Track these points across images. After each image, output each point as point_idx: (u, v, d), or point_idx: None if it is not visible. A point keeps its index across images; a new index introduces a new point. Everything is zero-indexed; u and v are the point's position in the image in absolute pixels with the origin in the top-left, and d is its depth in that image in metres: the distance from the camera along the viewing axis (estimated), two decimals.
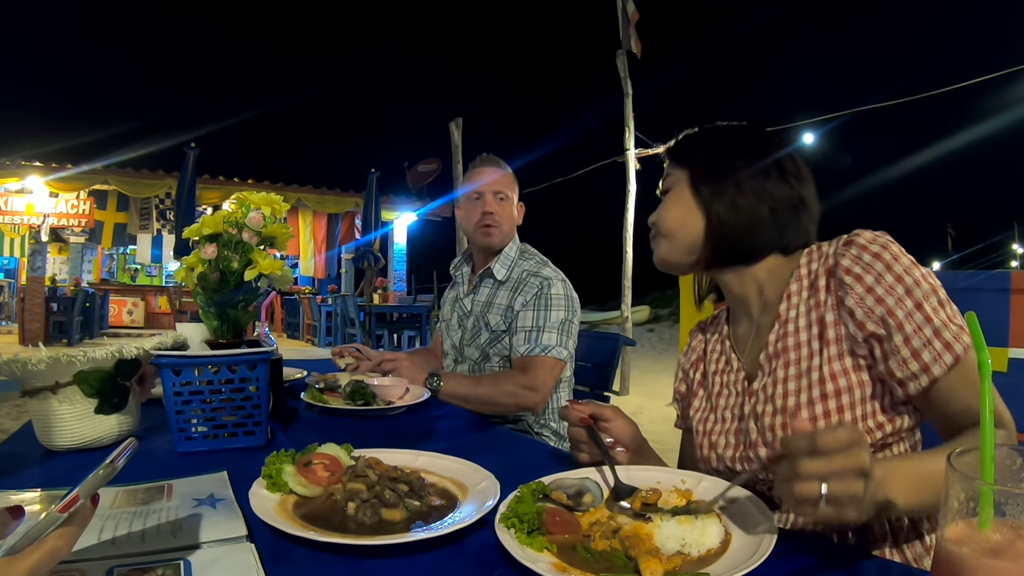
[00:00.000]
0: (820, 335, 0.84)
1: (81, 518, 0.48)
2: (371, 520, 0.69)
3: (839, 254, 0.83)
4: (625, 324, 6.75)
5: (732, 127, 0.99)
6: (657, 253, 0.98)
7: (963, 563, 0.41)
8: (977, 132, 47.81)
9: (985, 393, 0.45)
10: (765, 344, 0.89)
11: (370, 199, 10.58)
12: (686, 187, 0.95)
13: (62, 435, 0.98)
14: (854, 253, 0.81)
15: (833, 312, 0.83)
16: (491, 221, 1.81)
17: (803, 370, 0.84)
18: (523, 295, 1.74)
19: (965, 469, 0.43)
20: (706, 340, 1.07)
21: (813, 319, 0.85)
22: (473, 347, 1.83)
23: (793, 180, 0.91)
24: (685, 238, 0.94)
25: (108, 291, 12.53)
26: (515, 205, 1.89)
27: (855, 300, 0.80)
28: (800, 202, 0.91)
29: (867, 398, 0.80)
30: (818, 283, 0.86)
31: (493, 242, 1.83)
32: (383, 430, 1.25)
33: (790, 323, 0.87)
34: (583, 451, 0.92)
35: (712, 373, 1.01)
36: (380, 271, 10.83)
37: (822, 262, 0.86)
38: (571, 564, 0.60)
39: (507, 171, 1.89)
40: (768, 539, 0.61)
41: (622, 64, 6.87)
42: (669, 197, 0.97)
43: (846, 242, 0.84)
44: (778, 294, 0.90)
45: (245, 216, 1.19)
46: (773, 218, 0.90)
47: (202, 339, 1.21)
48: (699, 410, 1.01)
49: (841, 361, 0.82)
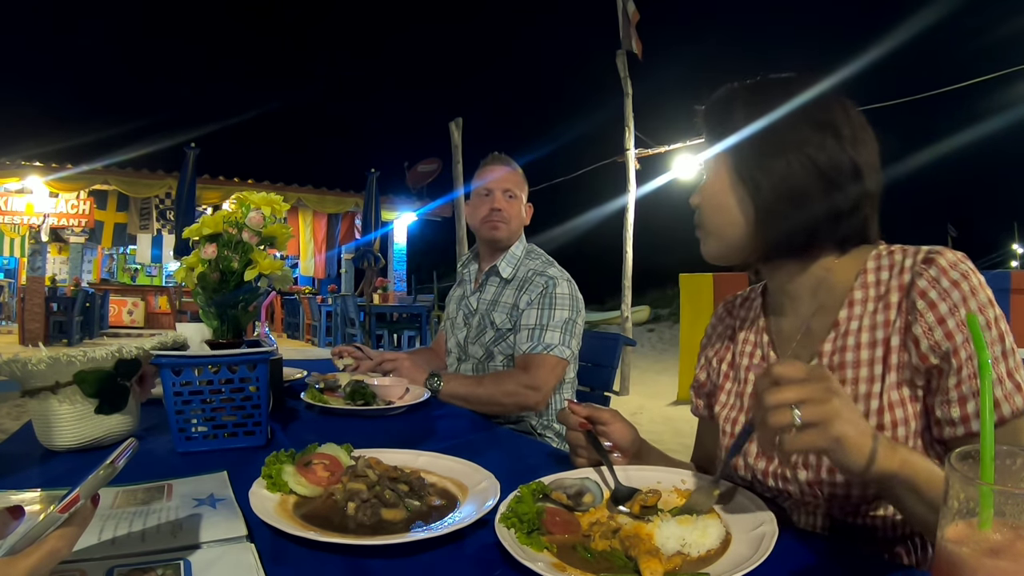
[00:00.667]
0: (884, 358, 0.76)
1: (81, 518, 0.48)
2: (371, 520, 0.69)
3: (917, 272, 0.75)
4: (625, 324, 6.75)
5: (776, 80, 0.84)
6: (704, 249, 0.88)
7: (963, 563, 0.41)
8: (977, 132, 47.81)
9: (985, 393, 0.45)
10: (818, 353, 0.81)
11: (370, 199, 10.58)
12: (724, 167, 0.83)
13: (62, 435, 0.98)
14: (932, 275, 0.73)
15: (899, 336, 0.76)
16: (499, 217, 1.84)
17: (861, 394, 0.76)
18: (528, 294, 1.75)
19: (965, 469, 0.43)
20: (735, 325, 0.97)
21: (879, 338, 0.77)
22: (478, 345, 1.83)
23: (850, 149, 0.77)
24: (730, 230, 0.83)
25: (108, 291, 12.53)
26: (523, 205, 1.91)
27: (923, 329, 0.73)
28: (858, 177, 0.78)
29: (919, 432, 0.75)
30: (890, 298, 0.77)
31: (499, 236, 1.84)
32: (383, 430, 1.25)
33: (850, 335, 0.79)
34: (581, 455, 0.90)
35: (745, 368, 0.92)
36: (380, 271, 10.83)
37: (896, 274, 0.78)
38: (571, 564, 0.60)
39: (517, 170, 1.91)
40: (768, 539, 0.61)
41: (622, 64, 6.86)
42: (707, 181, 0.85)
43: (926, 259, 0.75)
44: (837, 297, 0.82)
45: (245, 216, 1.19)
46: (829, 202, 0.77)
47: (202, 339, 1.21)
48: (727, 407, 0.93)
49: (900, 390, 0.75)
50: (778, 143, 0.78)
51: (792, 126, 0.78)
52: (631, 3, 6.94)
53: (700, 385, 1.02)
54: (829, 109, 0.80)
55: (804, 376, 0.59)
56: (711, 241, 0.87)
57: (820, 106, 0.79)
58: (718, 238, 0.86)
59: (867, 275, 0.80)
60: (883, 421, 0.75)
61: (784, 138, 0.78)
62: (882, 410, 0.75)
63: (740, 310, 0.99)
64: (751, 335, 0.93)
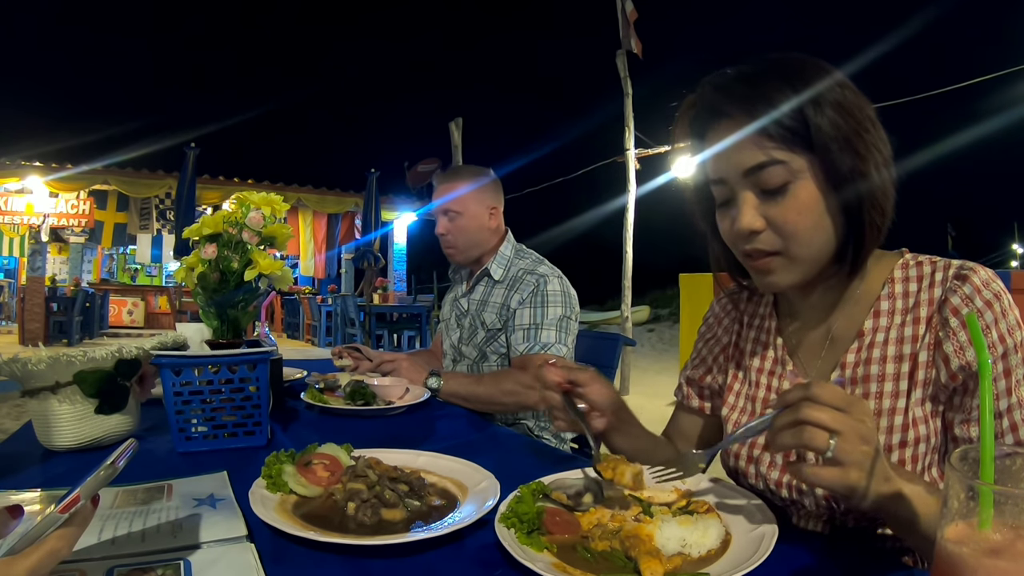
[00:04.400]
0: (910, 374, 0.74)
1: (81, 519, 0.48)
2: (371, 520, 0.69)
3: (951, 289, 0.72)
4: (625, 324, 6.75)
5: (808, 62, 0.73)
6: (780, 280, 0.76)
7: (963, 563, 0.41)
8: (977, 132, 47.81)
9: (985, 392, 0.45)
10: (841, 363, 0.78)
11: (370, 199, 10.58)
12: (809, 172, 0.71)
13: (62, 435, 0.98)
14: (967, 292, 0.71)
15: (928, 352, 0.73)
16: (445, 243, 1.85)
17: (885, 408, 0.74)
18: (519, 293, 1.74)
19: (965, 469, 0.43)
20: (742, 320, 0.93)
21: (906, 352, 0.74)
22: (471, 346, 1.83)
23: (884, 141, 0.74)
24: (825, 251, 0.74)
25: (108, 291, 12.53)
26: (477, 214, 1.81)
27: (955, 348, 0.70)
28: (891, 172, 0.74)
29: (938, 448, 0.74)
30: (919, 312, 0.74)
31: (455, 260, 1.88)
32: (383, 430, 1.25)
33: (876, 347, 0.76)
34: (559, 417, 0.87)
35: (756, 370, 0.88)
36: (380, 271, 10.83)
37: (925, 287, 0.75)
38: (571, 564, 0.60)
39: (458, 183, 1.82)
40: (768, 539, 0.61)
41: (622, 64, 6.86)
42: (791, 194, 0.72)
43: (959, 275, 0.73)
44: (862, 306, 0.79)
45: (245, 216, 1.19)
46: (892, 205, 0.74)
47: (202, 339, 1.21)
48: (735, 409, 0.89)
49: (923, 406, 0.73)
50: (864, 140, 0.71)
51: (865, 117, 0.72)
52: (629, 2, 6.93)
53: (698, 381, 0.98)
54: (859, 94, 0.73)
55: (845, 406, 0.56)
56: (798, 269, 0.75)
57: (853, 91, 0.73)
58: (810, 264, 0.75)
59: (894, 285, 0.77)
60: (906, 438, 0.73)
61: (863, 134, 0.71)
62: (906, 426, 0.73)
63: (747, 305, 0.94)
64: (762, 336, 0.89)
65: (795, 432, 0.56)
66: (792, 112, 0.70)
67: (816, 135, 0.70)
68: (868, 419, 0.57)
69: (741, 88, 0.73)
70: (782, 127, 0.70)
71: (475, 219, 1.82)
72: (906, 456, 0.73)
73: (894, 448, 0.73)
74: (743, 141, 0.73)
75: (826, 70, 0.72)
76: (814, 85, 0.70)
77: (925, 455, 0.73)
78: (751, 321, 0.92)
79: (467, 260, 1.87)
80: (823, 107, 0.70)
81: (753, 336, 0.91)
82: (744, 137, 0.72)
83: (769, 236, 0.74)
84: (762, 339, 0.89)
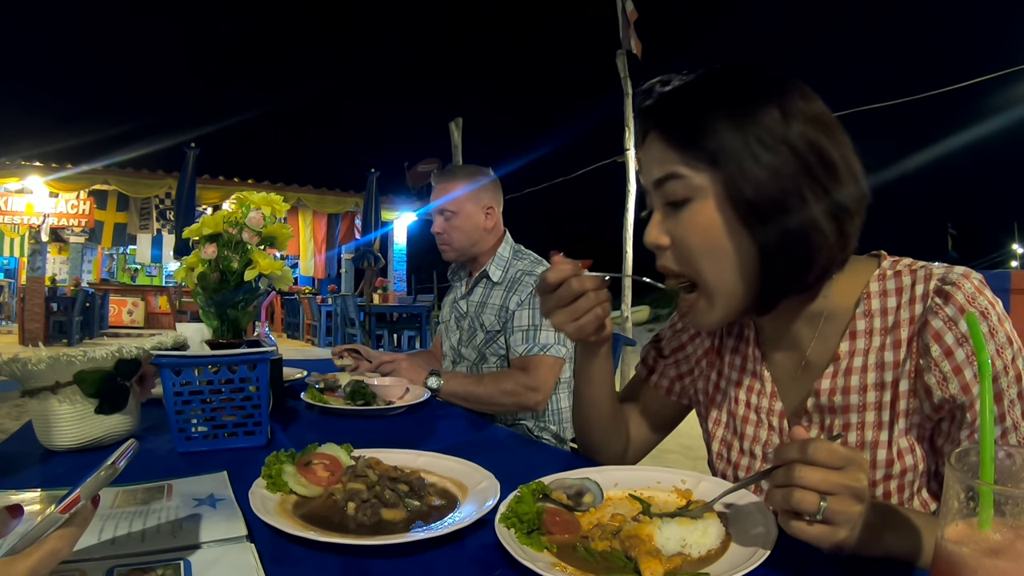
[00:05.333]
0: (892, 404, 0.70)
1: (82, 519, 0.48)
2: (371, 520, 0.69)
3: (931, 310, 0.66)
4: (625, 324, 6.74)
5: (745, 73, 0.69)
6: (703, 320, 0.72)
7: (963, 563, 0.41)
8: (977, 132, 47.83)
9: (985, 392, 0.45)
10: (815, 389, 0.74)
11: (370, 199, 10.58)
12: (714, 201, 0.66)
13: (62, 435, 0.98)
14: (949, 315, 0.65)
15: (909, 381, 0.69)
16: (440, 241, 1.86)
17: (868, 441, 0.71)
18: (518, 294, 1.74)
19: (965, 469, 0.43)
20: (722, 335, 0.88)
21: (887, 380, 0.70)
22: (470, 348, 1.83)
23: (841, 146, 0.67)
24: (730, 286, 0.69)
25: (108, 291, 12.53)
26: (473, 213, 1.81)
27: (937, 380, 0.66)
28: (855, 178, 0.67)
29: (927, 473, 0.71)
30: (899, 334, 0.69)
31: (449, 258, 1.89)
32: (383, 430, 1.25)
33: (853, 374, 0.71)
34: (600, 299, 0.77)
35: (736, 385, 0.84)
36: (380, 271, 10.84)
37: (905, 303, 0.69)
38: (571, 564, 0.60)
39: (455, 183, 1.81)
40: (768, 539, 0.61)
41: (622, 64, 6.86)
42: (685, 216, 0.68)
43: (940, 292, 0.67)
44: (836, 326, 0.73)
45: (245, 216, 1.19)
46: (836, 224, 0.66)
47: (202, 339, 1.21)
48: (721, 426, 0.86)
49: (908, 436, 0.70)
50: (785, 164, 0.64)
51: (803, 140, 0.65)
52: (629, 2, 6.93)
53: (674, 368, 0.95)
54: (808, 97, 0.67)
55: (842, 464, 0.54)
56: (716, 308, 0.70)
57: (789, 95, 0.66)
58: (727, 299, 0.70)
59: (870, 300, 0.72)
60: (891, 472, 0.70)
61: (786, 157, 0.64)
62: (891, 461, 0.70)
63: None
64: (740, 346, 0.85)
65: (785, 494, 0.55)
66: (697, 126, 0.66)
67: (718, 152, 0.65)
68: (864, 475, 0.55)
69: (658, 97, 0.71)
70: (685, 141, 0.67)
71: (470, 219, 1.81)
72: (891, 488, 0.71)
73: (879, 482, 0.71)
74: (654, 152, 0.70)
75: (765, 86, 0.67)
76: (735, 100, 0.66)
77: (913, 482, 0.71)
78: (731, 328, 0.88)
79: (462, 258, 1.87)
80: (739, 125, 0.65)
81: (732, 345, 0.87)
82: (655, 148, 0.70)
83: (674, 255, 0.72)
84: (741, 349, 0.85)
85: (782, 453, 0.57)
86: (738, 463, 0.83)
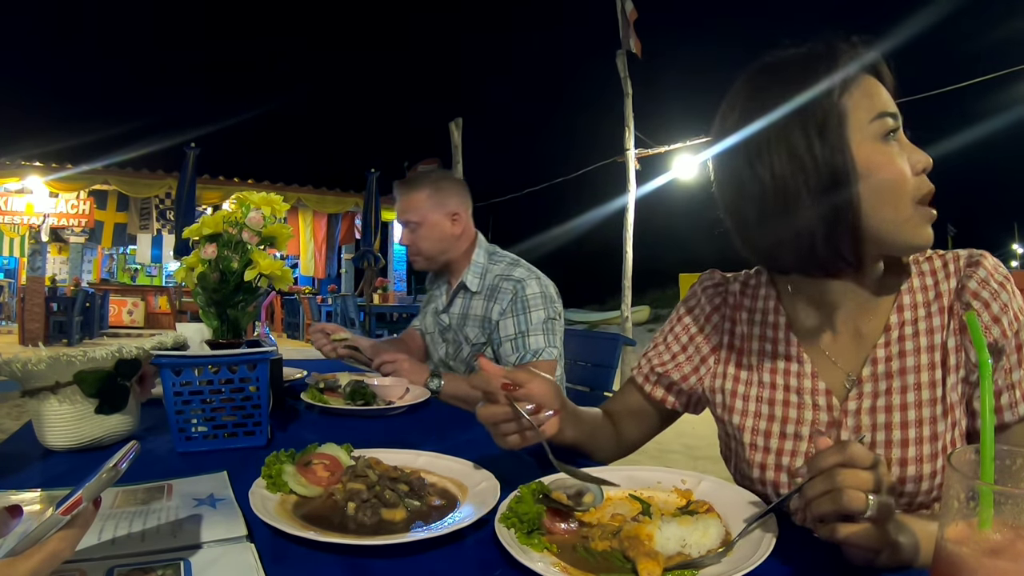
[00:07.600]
0: (943, 362, 0.77)
1: (83, 520, 0.48)
2: (371, 520, 0.69)
3: (966, 276, 0.77)
4: (625, 324, 6.75)
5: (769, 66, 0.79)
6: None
7: (963, 563, 0.41)
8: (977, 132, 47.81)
9: (985, 392, 0.45)
10: (872, 358, 0.80)
11: (370, 199, 10.58)
12: None
13: (62, 435, 0.98)
14: (982, 276, 0.76)
15: (955, 338, 0.77)
16: (408, 253, 1.86)
17: (925, 400, 0.77)
18: (499, 303, 1.70)
19: (965, 469, 0.43)
20: (735, 320, 0.91)
21: (936, 342, 0.78)
22: (458, 361, 1.82)
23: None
24: None
25: (108, 291, 12.52)
26: (438, 222, 1.76)
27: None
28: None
29: (963, 436, 0.77)
30: (942, 302, 0.79)
31: (420, 267, 1.88)
32: (383, 430, 1.25)
33: (906, 340, 0.79)
34: (511, 431, 0.78)
35: (769, 371, 0.86)
36: (380, 271, 10.83)
37: (943, 279, 0.80)
38: (571, 564, 0.60)
39: (415, 193, 1.78)
40: (768, 539, 0.61)
41: (622, 64, 6.87)
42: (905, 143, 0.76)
43: (971, 262, 0.78)
44: (882, 302, 0.81)
45: (245, 216, 1.19)
46: None
47: (202, 339, 1.21)
48: (751, 415, 0.86)
49: (957, 390, 0.76)
50: None
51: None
52: (629, 2, 6.94)
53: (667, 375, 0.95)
54: None
55: (874, 464, 0.57)
56: None
57: None
58: None
59: (912, 279, 0.81)
60: (941, 428, 0.76)
61: None
62: (943, 415, 0.76)
63: (742, 299, 0.92)
64: (768, 332, 0.87)
65: (833, 497, 0.56)
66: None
67: None
68: (887, 468, 0.59)
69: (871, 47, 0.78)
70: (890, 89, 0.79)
71: (436, 227, 1.77)
72: (937, 449, 0.75)
73: (925, 440, 0.75)
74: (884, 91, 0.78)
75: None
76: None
77: (953, 442, 0.76)
78: (752, 317, 0.90)
79: (434, 267, 1.85)
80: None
81: (759, 333, 0.88)
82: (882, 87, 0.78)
83: None
84: (769, 335, 0.87)
85: (818, 462, 0.58)
86: (781, 448, 0.83)
